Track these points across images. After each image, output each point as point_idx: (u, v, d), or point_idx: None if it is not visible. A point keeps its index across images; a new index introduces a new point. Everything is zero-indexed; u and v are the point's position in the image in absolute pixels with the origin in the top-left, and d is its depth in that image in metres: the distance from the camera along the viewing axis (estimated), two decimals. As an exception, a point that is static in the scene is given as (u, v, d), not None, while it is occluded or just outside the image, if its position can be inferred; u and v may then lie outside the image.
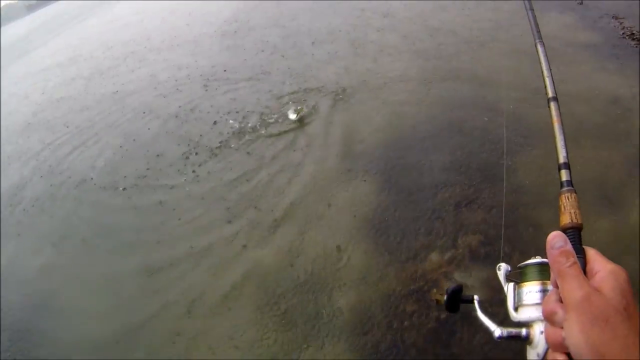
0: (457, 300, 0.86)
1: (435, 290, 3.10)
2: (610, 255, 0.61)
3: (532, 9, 1.07)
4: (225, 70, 7.18)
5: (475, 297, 0.85)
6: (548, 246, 0.63)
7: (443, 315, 2.92)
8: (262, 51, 7.51)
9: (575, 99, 4.41)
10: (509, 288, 0.76)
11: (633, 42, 5.27)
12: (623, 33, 5.44)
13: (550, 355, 0.60)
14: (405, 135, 4.54)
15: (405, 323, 2.96)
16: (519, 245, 3.16)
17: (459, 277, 3.13)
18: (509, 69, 5.05)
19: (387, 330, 2.95)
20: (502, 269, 0.82)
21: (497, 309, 0.93)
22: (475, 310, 0.82)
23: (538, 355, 0.67)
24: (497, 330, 0.72)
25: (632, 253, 2.91)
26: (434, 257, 3.33)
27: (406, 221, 3.64)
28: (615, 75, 4.74)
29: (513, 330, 0.71)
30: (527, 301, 0.71)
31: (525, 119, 4.29)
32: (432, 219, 3.60)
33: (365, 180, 4.14)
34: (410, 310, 3.03)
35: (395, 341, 2.88)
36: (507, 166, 3.88)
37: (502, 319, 0.73)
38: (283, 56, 7.10)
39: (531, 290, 0.72)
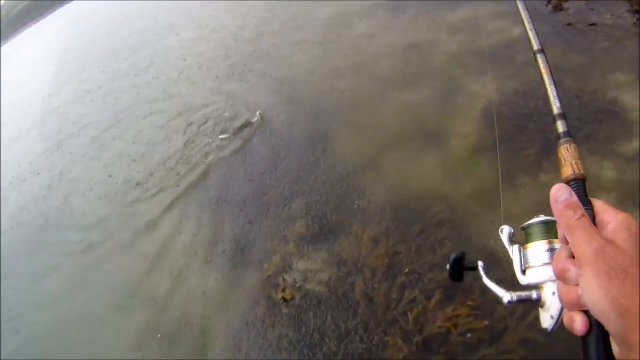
0: (460, 268, 0.82)
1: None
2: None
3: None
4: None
5: (480, 263, 0.81)
6: (552, 199, 0.59)
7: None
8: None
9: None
10: (513, 250, 0.73)
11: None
12: None
13: (566, 315, 0.57)
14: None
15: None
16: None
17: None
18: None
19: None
20: (505, 231, 0.78)
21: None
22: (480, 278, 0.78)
23: (552, 317, 0.64)
24: (506, 295, 0.70)
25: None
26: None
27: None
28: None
29: (523, 294, 0.68)
30: (535, 262, 0.68)
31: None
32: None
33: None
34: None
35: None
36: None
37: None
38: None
39: (538, 250, 0.68)
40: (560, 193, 0.59)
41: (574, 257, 0.55)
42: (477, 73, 4.85)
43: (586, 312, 0.54)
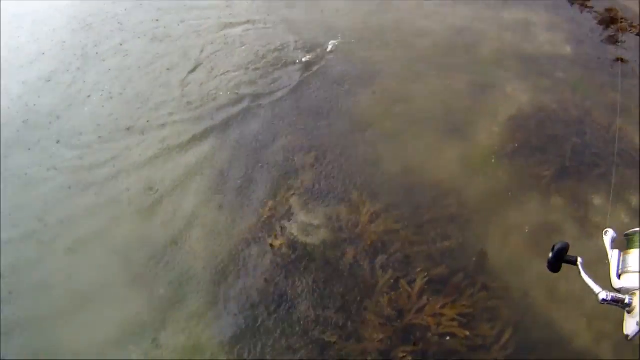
0: (561, 259, 0.84)
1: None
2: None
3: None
4: None
5: (579, 259, 0.85)
6: None
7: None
8: None
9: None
10: (613, 254, 0.77)
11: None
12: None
13: None
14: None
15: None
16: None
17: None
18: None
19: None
20: (609, 234, 0.83)
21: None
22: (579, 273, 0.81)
23: (638, 324, 0.67)
24: (602, 293, 0.73)
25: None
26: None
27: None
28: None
29: (617, 296, 0.71)
30: (633, 269, 0.70)
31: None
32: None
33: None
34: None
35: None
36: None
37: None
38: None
39: (638, 258, 0.69)
40: None
41: None
42: (517, 77, 4.69)
43: None
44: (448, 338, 2.93)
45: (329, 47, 5.12)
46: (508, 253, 3.44)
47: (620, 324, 2.89)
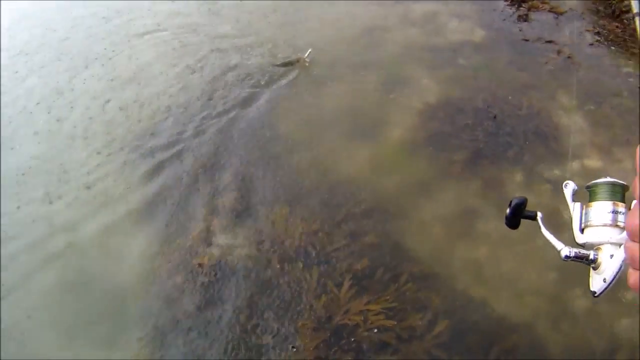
0: (519, 215, 0.81)
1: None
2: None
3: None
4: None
5: (539, 214, 0.80)
6: (638, 155, 0.58)
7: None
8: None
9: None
10: (575, 207, 0.73)
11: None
12: None
13: (633, 275, 0.57)
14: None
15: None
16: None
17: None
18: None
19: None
20: (569, 186, 0.78)
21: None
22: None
23: (605, 280, 0.65)
24: (565, 249, 0.70)
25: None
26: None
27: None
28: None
29: (581, 251, 0.69)
30: (596, 222, 0.68)
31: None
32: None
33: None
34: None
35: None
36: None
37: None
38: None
39: (601, 210, 0.68)
40: None
41: None
42: (427, 70, 4.69)
43: None
44: (376, 331, 2.89)
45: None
46: (431, 241, 3.42)
47: (554, 297, 2.76)
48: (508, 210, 0.82)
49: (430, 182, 3.82)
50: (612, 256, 0.65)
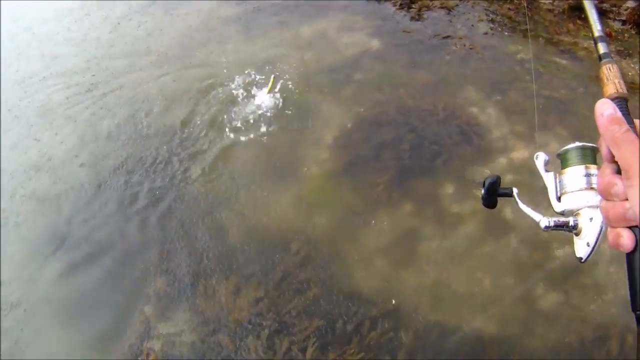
0: (495, 193, 0.80)
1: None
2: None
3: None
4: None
5: (514, 189, 0.79)
6: (597, 113, 0.60)
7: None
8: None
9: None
10: (548, 177, 0.74)
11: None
12: None
13: (612, 232, 0.57)
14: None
15: None
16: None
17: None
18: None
19: None
20: (540, 157, 0.77)
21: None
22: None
23: (588, 244, 0.66)
24: (543, 220, 0.70)
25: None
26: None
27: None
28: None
29: (560, 219, 0.69)
30: (571, 188, 0.69)
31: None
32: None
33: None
34: None
35: None
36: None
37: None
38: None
39: (574, 175, 0.69)
40: (605, 107, 0.59)
41: (618, 174, 0.56)
42: (330, 94, 4.34)
43: (632, 229, 0.54)
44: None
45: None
46: (378, 277, 3.13)
47: (517, 302, 2.39)
48: (483, 191, 0.81)
49: (361, 213, 3.49)
50: (591, 219, 0.65)
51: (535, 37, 4.83)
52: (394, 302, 2.96)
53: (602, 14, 4.94)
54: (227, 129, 4.21)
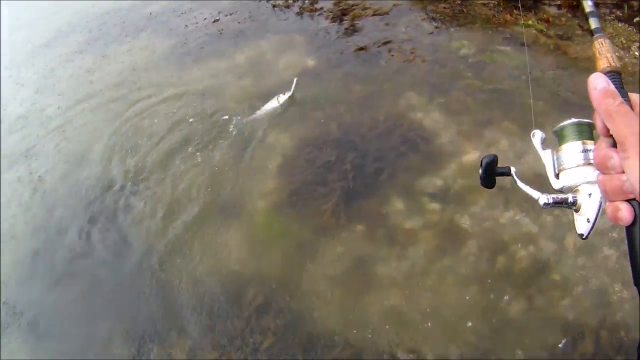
0: (493, 173, 0.79)
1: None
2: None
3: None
4: None
5: (512, 168, 0.79)
6: (590, 87, 0.59)
7: None
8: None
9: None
10: (546, 155, 0.73)
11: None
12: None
13: (610, 206, 0.57)
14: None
15: None
16: None
17: None
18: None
19: None
20: (537, 135, 0.77)
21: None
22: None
23: (588, 220, 0.65)
24: (542, 197, 0.70)
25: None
26: None
27: None
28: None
29: (559, 196, 0.69)
30: (569, 164, 0.68)
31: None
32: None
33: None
34: None
35: None
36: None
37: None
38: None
39: (572, 151, 0.68)
40: (598, 81, 0.59)
41: (614, 147, 0.56)
42: (265, 120, 4.15)
43: (630, 202, 0.54)
44: None
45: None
46: (338, 311, 2.91)
47: (484, 314, 2.15)
48: (480, 171, 0.78)
49: (310, 244, 3.29)
50: (590, 195, 0.65)
51: (478, 29, 4.72)
52: (358, 338, 2.75)
53: (536, 0, 4.98)
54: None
